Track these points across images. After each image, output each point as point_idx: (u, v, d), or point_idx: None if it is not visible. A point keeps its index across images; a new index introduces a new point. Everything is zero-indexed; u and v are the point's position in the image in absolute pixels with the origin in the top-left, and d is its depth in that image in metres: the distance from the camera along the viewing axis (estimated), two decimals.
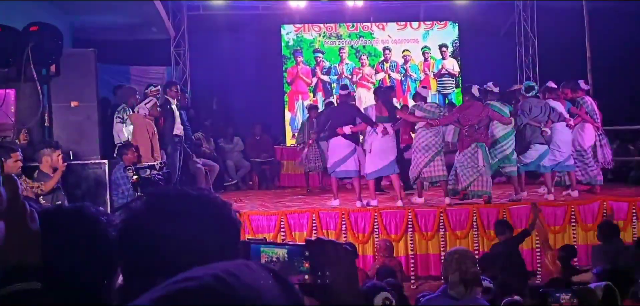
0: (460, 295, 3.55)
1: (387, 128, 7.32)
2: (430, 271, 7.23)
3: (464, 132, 7.42)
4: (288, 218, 7.27)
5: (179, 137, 7.86)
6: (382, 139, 7.31)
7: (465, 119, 7.37)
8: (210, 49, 12.04)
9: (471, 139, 7.31)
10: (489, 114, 7.48)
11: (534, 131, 7.74)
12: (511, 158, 7.61)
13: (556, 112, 7.76)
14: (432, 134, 7.43)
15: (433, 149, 7.40)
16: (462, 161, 7.42)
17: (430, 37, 12.60)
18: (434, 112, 7.56)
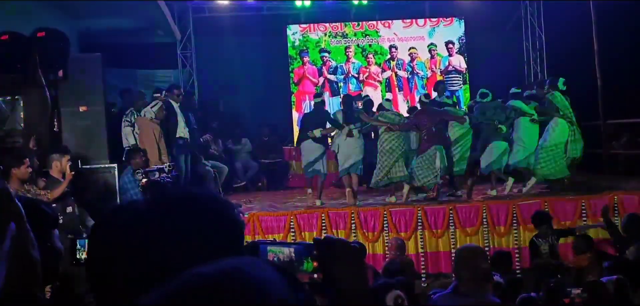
0: (471, 291, 3.53)
1: (352, 131, 7.76)
2: (440, 269, 7.21)
3: (423, 136, 7.76)
4: (297, 218, 7.27)
5: (183, 140, 7.90)
6: (346, 141, 7.74)
7: (422, 123, 7.74)
8: (217, 51, 12.07)
9: (430, 143, 7.60)
10: (444, 116, 7.91)
11: (490, 129, 7.91)
12: (465, 156, 7.94)
13: (513, 109, 8.00)
14: (395, 137, 7.74)
15: (397, 152, 7.67)
16: (420, 163, 7.67)
17: (437, 34, 12.54)
18: (394, 119, 7.93)
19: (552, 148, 7.91)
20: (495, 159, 7.91)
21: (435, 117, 7.75)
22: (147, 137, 7.14)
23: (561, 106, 7.94)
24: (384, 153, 7.72)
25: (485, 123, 8.02)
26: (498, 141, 7.92)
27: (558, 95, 7.99)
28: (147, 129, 7.21)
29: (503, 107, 8.08)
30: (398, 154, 7.66)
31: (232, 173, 10.43)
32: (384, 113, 8.02)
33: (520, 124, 8.06)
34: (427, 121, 7.69)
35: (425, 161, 7.59)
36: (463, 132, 7.96)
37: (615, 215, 7.37)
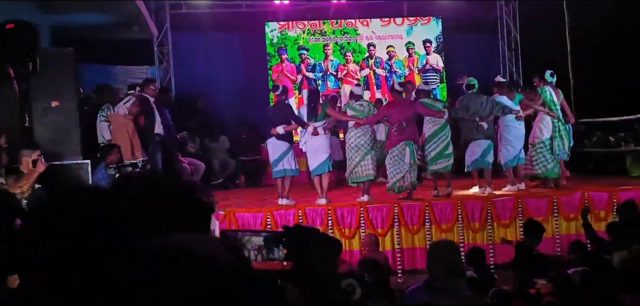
0: (444, 286, 3.57)
1: (318, 129, 7.50)
2: (416, 265, 7.26)
3: (393, 130, 7.46)
4: (274, 215, 7.26)
5: (159, 136, 7.80)
6: (314, 139, 7.51)
7: (393, 116, 7.43)
8: (194, 48, 11.99)
9: (400, 138, 7.35)
10: (418, 110, 7.60)
11: (471, 127, 7.76)
12: (444, 153, 7.68)
13: (500, 106, 7.78)
14: (362, 133, 7.51)
15: (363, 149, 7.48)
16: (390, 160, 7.49)
17: (414, 33, 12.64)
18: (364, 111, 7.59)
19: (541, 145, 8.00)
20: (478, 158, 7.79)
21: (407, 110, 7.49)
22: (120, 133, 7.07)
23: (548, 101, 8.01)
24: (351, 149, 7.56)
25: (467, 120, 7.81)
26: (479, 139, 7.74)
27: (547, 90, 8.01)
28: (120, 125, 7.14)
29: (490, 103, 7.78)
30: (365, 151, 7.47)
31: (210, 170, 10.37)
32: (352, 105, 7.70)
33: (505, 122, 7.93)
34: (397, 115, 7.41)
35: (395, 158, 7.40)
36: (439, 128, 7.67)
37: None
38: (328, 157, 7.59)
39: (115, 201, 0.77)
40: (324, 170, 7.59)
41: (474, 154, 7.80)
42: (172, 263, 0.53)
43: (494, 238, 7.39)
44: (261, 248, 1.13)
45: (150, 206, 0.79)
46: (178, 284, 0.52)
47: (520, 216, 7.42)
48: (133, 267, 0.52)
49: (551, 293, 2.83)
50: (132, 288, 0.50)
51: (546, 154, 7.96)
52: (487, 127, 7.69)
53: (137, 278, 0.51)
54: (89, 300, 0.52)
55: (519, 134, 7.99)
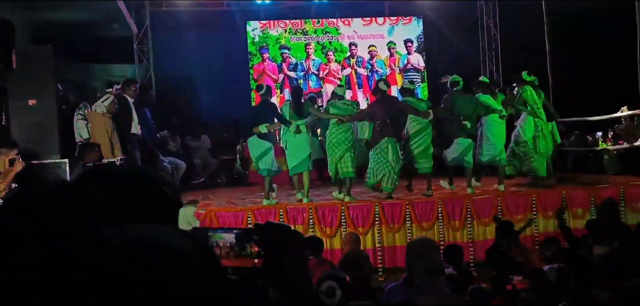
0: (424, 283, 3.59)
1: (300, 127, 7.52)
2: (397, 263, 7.28)
3: (376, 127, 7.54)
4: (255, 214, 7.24)
5: (136, 136, 7.76)
6: (295, 138, 7.52)
7: (376, 114, 7.51)
8: (175, 47, 11.90)
9: (382, 135, 7.43)
10: (402, 108, 7.69)
11: (455, 125, 7.83)
12: (428, 152, 7.77)
13: (483, 106, 7.90)
14: (343, 130, 7.57)
15: (343, 145, 7.54)
16: (374, 157, 7.56)
17: (396, 32, 12.71)
18: (347, 109, 7.69)
19: (524, 144, 8.09)
20: (458, 156, 7.88)
21: (391, 108, 7.53)
22: (98, 131, 7.00)
23: (530, 100, 8.10)
24: (331, 145, 7.62)
25: (450, 119, 7.86)
26: (462, 137, 7.81)
27: (528, 89, 8.08)
28: (99, 123, 7.07)
29: (473, 101, 7.87)
30: (344, 148, 7.52)
31: (191, 169, 10.32)
32: (336, 103, 7.78)
33: (487, 121, 8.01)
34: (381, 112, 7.46)
35: (379, 155, 7.46)
36: (421, 128, 7.71)
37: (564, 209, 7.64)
38: (308, 156, 7.61)
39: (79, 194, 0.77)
40: (303, 168, 7.61)
41: (455, 151, 7.90)
42: (134, 253, 0.54)
43: (474, 237, 7.46)
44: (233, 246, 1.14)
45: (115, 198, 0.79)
46: (140, 273, 0.52)
47: (499, 214, 7.50)
48: (94, 256, 0.52)
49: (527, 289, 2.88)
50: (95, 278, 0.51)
51: (529, 153, 8.06)
52: (470, 126, 7.77)
53: (98, 268, 0.52)
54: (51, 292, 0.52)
55: (500, 134, 8.07)
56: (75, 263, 0.51)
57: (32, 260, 0.51)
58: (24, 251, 0.52)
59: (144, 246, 0.55)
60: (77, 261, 0.51)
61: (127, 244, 0.54)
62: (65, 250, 0.52)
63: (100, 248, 0.53)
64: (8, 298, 0.49)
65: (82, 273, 0.50)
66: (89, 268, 0.51)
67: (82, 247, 0.53)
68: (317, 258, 5.49)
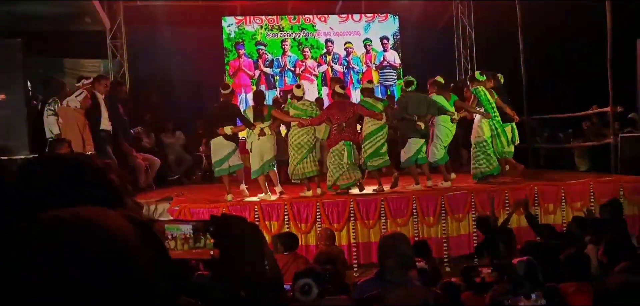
0: (396, 277, 3.62)
1: (264, 129, 7.64)
2: (372, 259, 7.30)
3: (333, 129, 7.73)
4: (230, 210, 7.20)
5: (106, 132, 7.69)
6: (260, 141, 7.65)
7: (334, 116, 7.69)
8: (150, 42, 11.74)
9: (339, 137, 7.63)
10: (358, 110, 7.87)
11: (409, 125, 7.99)
12: (380, 151, 7.94)
13: (436, 106, 8.06)
14: (304, 132, 7.79)
15: (306, 147, 7.76)
16: (330, 159, 7.76)
17: (372, 29, 12.76)
18: (306, 111, 7.87)
19: (484, 144, 8.18)
20: (412, 155, 8.06)
21: (347, 111, 7.68)
22: (70, 127, 6.88)
23: (483, 101, 8.19)
24: (293, 147, 7.82)
25: (406, 118, 8.01)
26: (416, 137, 7.98)
27: (481, 90, 8.19)
28: (71, 118, 6.95)
29: (426, 101, 8.05)
30: (307, 149, 7.75)
31: (166, 165, 10.23)
32: (295, 104, 7.94)
33: (438, 121, 8.17)
34: (338, 115, 7.64)
35: (335, 157, 7.67)
36: (376, 129, 7.89)
37: (536, 205, 7.77)
38: (272, 158, 7.80)
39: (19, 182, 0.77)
40: (264, 171, 7.77)
41: (409, 152, 8.07)
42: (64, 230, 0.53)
43: (448, 232, 7.54)
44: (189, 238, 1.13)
45: (57, 185, 0.78)
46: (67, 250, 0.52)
47: (473, 210, 7.59)
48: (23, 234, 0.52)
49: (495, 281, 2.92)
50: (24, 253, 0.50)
51: (489, 152, 8.16)
52: (424, 126, 7.97)
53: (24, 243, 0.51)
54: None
55: (450, 135, 8.27)
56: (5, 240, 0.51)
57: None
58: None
59: (72, 223, 0.54)
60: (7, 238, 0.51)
61: (56, 222, 0.54)
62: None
63: (28, 227, 0.53)
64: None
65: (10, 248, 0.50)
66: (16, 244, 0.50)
67: (14, 226, 0.52)
68: (291, 254, 5.48)
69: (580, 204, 7.81)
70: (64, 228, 0.54)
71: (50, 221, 0.54)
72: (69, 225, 0.54)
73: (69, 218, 0.55)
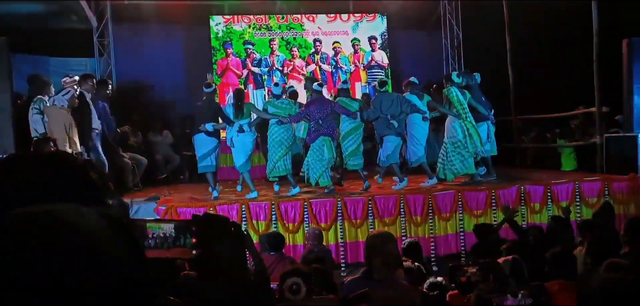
0: (382, 276, 3.62)
1: (244, 127, 7.77)
2: (360, 258, 7.31)
3: (311, 127, 7.88)
4: (217, 210, 7.17)
5: (96, 131, 7.68)
6: (240, 137, 7.76)
7: (311, 114, 7.84)
8: (137, 40, 11.67)
9: (318, 134, 7.76)
10: (336, 108, 8.04)
11: (384, 124, 8.12)
12: (358, 151, 8.12)
13: (409, 105, 8.16)
14: (284, 129, 7.93)
15: (285, 144, 7.91)
16: (310, 155, 7.89)
17: (360, 29, 12.76)
18: (285, 109, 8.01)
19: (458, 144, 8.22)
20: (391, 153, 8.13)
21: (325, 108, 7.84)
22: (56, 126, 6.81)
23: (455, 102, 8.22)
24: (273, 144, 7.94)
25: (380, 117, 8.14)
26: (391, 135, 8.10)
27: (454, 90, 8.22)
28: (57, 117, 6.88)
29: (399, 100, 8.17)
30: (286, 147, 7.88)
31: (153, 165, 10.17)
32: (274, 102, 8.09)
33: (412, 121, 8.25)
34: (316, 112, 7.78)
35: (315, 153, 7.79)
36: (353, 127, 8.07)
37: (522, 204, 7.82)
38: (250, 155, 7.94)
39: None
40: (248, 167, 7.88)
41: (387, 150, 8.18)
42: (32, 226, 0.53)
43: (435, 232, 7.57)
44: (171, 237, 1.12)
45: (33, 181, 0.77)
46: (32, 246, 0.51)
47: (460, 209, 7.63)
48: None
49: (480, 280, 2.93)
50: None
51: (462, 152, 8.20)
52: (398, 125, 8.08)
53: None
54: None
55: (425, 134, 8.36)
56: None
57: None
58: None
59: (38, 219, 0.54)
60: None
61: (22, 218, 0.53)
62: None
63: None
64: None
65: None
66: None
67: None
68: (277, 255, 5.47)
69: (567, 203, 7.88)
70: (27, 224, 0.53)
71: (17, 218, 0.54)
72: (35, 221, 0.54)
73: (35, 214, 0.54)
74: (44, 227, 0.53)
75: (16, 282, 0.50)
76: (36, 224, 0.54)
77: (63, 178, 0.82)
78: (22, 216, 0.54)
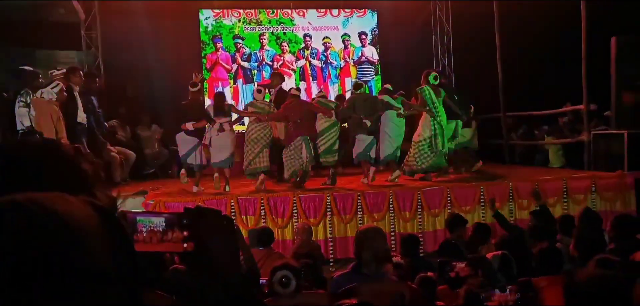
0: (371, 271, 3.63)
1: (224, 126, 7.92)
2: (349, 254, 7.32)
3: (290, 127, 8.12)
4: (206, 204, 7.14)
5: (82, 125, 7.64)
6: (219, 136, 7.90)
7: (289, 115, 8.08)
8: (125, 33, 11.52)
9: (296, 133, 7.99)
10: (312, 108, 8.32)
11: (356, 123, 8.25)
12: (332, 148, 8.34)
13: (383, 103, 8.30)
14: (261, 127, 8.10)
15: (262, 142, 8.06)
16: (287, 153, 8.11)
17: (350, 24, 12.75)
18: (264, 108, 8.27)
19: (422, 142, 8.29)
20: (361, 151, 8.22)
21: (302, 108, 8.09)
22: (44, 119, 6.74)
23: (428, 100, 8.25)
24: (249, 142, 8.11)
25: (353, 117, 8.29)
26: (362, 133, 8.19)
27: (426, 89, 8.28)
28: (44, 110, 6.81)
29: (373, 101, 8.40)
30: (263, 144, 8.04)
31: (142, 159, 10.11)
32: (255, 103, 8.34)
33: (386, 118, 8.31)
34: (294, 112, 8.01)
35: (293, 152, 7.99)
36: (329, 125, 8.30)
37: (510, 201, 7.87)
38: (231, 154, 8.02)
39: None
40: (225, 166, 8.01)
41: (358, 148, 8.28)
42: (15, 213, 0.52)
43: (424, 227, 7.59)
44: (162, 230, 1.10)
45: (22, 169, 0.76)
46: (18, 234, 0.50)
47: (448, 205, 7.66)
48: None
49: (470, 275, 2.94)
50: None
51: (426, 150, 8.26)
52: (371, 124, 8.18)
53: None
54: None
55: (399, 132, 8.38)
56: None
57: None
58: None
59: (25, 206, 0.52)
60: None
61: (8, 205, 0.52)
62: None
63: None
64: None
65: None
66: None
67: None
68: (266, 250, 5.46)
69: (554, 200, 7.94)
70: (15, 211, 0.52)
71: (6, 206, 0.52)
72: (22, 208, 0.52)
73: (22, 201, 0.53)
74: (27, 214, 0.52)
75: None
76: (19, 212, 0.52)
77: (52, 166, 0.81)
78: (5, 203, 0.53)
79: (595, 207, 7.72)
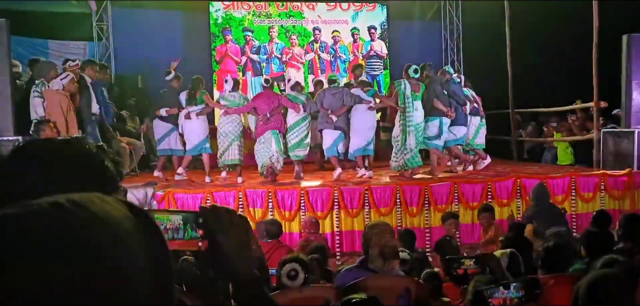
0: (378, 266, 3.66)
1: (190, 114, 8.14)
2: (355, 247, 7.36)
3: (259, 120, 8.17)
4: (214, 196, 7.20)
5: (95, 116, 7.73)
6: (189, 123, 8.16)
7: (259, 108, 8.14)
8: (136, 25, 11.59)
9: (265, 127, 8.06)
10: (282, 102, 8.32)
11: (323, 118, 8.26)
12: (302, 143, 8.45)
13: (353, 97, 8.19)
14: (230, 121, 8.21)
15: (231, 135, 8.16)
16: (258, 147, 8.19)
17: (360, 18, 12.73)
18: (234, 101, 8.31)
19: (396, 140, 8.26)
20: (330, 147, 8.25)
21: (271, 102, 8.12)
22: (54, 109, 6.81)
23: (401, 94, 8.04)
24: (220, 135, 8.24)
25: (319, 112, 8.33)
26: (329, 129, 8.21)
27: (402, 83, 8.10)
28: (54, 100, 6.88)
29: (343, 94, 8.20)
30: (232, 137, 8.13)
31: (151, 150, 10.15)
32: (226, 96, 8.44)
33: (355, 112, 8.22)
34: (263, 106, 8.07)
35: (263, 145, 8.08)
36: (299, 120, 8.37)
37: (518, 197, 7.87)
38: (205, 138, 8.26)
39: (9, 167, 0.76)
40: (192, 153, 8.28)
41: (326, 143, 8.34)
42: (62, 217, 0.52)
43: (430, 223, 7.60)
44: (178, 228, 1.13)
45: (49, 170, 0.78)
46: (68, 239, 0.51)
47: (456, 201, 7.66)
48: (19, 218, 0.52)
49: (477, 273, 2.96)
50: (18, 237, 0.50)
51: (399, 148, 8.21)
52: (337, 119, 8.16)
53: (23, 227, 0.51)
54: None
55: (368, 125, 8.29)
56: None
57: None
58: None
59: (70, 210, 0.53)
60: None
61: (54, 209, 0.53)
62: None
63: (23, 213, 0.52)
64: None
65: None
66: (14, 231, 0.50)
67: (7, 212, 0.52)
68: (274, 242, 5.50)
69: (562, 197, 7.92)
70: (62, 215, 0.52)
71: (48, 208, 0.53)
72: (68, 212, 0.53)
73: (66, 205, 0.54)
74: (73, 216, 0.52)
75: (42, 276, 0.49)
76: (62, 213, 0.53)
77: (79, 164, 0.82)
78: (46, 205, 0.53)
79: (604, 205, 7.70)
